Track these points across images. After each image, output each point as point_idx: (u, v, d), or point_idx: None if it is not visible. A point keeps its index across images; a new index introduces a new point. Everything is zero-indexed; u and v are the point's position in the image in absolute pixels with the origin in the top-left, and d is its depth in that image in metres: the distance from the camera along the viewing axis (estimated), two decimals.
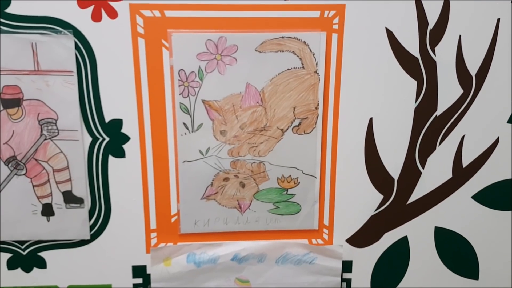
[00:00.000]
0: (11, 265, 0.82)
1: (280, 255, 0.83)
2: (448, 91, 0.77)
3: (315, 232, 0.84)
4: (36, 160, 0.76)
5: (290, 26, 0.72)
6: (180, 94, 0.75)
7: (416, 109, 0.78)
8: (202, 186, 0.79)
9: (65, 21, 0.70)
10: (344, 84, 0.76)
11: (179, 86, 0.74)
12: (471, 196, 0.83)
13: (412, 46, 0.75)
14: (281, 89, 0.75)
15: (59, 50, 0.71)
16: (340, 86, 0.76)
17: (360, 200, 0.82)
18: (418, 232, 0.85)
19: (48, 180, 0.77)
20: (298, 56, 0.74)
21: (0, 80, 0.72)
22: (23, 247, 0.81)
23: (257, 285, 0.84)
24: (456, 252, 0.86)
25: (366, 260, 0.86)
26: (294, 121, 0.77)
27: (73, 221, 0.79)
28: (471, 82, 0.77)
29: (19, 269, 0.82)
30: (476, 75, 0.77)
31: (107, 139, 0.77)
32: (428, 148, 0.80)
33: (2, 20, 0.70)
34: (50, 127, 0.75)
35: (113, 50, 0.73)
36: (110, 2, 0.70)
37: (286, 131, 0.77)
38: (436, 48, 0.75)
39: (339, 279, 0.84)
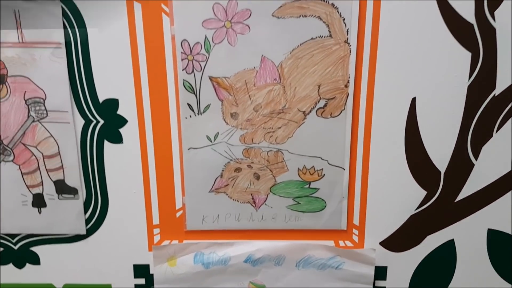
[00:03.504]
0: (2, 260, 0.81)
1: (301, 258, 0.80)
2: (510, 65, 0.71)
3: (343, 232, 0.80)
4: (24, 145, 0.74)
5: None
6: (183, 70, 0.71)
7: (469, 88, 0.72)
8: (210, 177, 0.76)
9: None
10: (381, 56, 0.71)
11: (182, 60, 0.70)
12: None
13: (466, 10, 0.69)
14: (303, 63, 0.71)
15: (45, 19, 0.68)
16: (376, 59, 0.71)
17: (398, 197, 0.78)
18: (468, 235, 0.80)
19: (38, 168, 0.75)
20: (324, 22, 0.69)
21: None
22: (14, 240, 0.80)
23: None
24: None
25: (403, 266, 0.81)
26: (318, 102, 0.73)
27: (66, 214, 0.77)
28: None
29: (10, 265, 0.82)
30: None
31: (101, 121, 0.74)
32: (483, 135, 0.75)
33: None
34: (38, 108, 0.72)
35: (106, 17, 0.69)
36: None
37: (309, 114, 0.73)
38: (495, 12, 0.69)
39: (371, 287, 0.81)
